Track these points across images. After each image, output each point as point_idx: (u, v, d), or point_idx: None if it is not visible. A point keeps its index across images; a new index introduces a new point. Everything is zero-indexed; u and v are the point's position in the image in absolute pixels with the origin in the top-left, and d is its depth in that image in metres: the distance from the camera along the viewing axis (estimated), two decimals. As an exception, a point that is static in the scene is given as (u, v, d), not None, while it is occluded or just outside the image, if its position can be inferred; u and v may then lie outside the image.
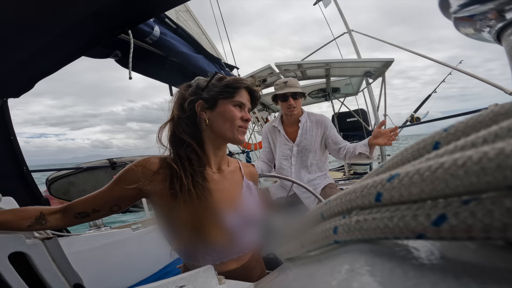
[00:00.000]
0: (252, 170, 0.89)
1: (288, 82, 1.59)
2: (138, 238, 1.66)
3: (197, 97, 0.73)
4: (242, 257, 0.75)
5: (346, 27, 3.80)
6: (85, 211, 0.66)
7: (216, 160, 0.77)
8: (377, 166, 0.29)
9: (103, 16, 0.65)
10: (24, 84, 0.82)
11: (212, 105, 0.72)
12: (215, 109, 0.72)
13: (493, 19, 0.31)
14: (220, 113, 0.72)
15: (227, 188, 0.76)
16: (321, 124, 1.63)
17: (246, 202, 0.77)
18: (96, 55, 1.25)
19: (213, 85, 0.74)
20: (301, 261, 0.32)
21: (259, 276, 0.80)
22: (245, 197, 0.78)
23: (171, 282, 0.51)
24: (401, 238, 0.17)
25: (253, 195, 0.82)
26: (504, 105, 0.16)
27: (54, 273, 0.76)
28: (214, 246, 0.69)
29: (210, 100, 0.72)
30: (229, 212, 0.71)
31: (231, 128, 0.72)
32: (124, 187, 0.66)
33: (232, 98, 0.73)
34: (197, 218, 0.66)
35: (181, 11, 2.12)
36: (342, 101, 4.21)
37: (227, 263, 0.72)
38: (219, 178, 0.76)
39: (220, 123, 0.72)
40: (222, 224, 0.69)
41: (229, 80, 0.75)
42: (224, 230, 0.69)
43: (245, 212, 0.75)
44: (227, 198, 0.74)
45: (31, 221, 0.63)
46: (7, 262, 0.64)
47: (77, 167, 2.81)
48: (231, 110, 0.72)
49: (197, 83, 0.76)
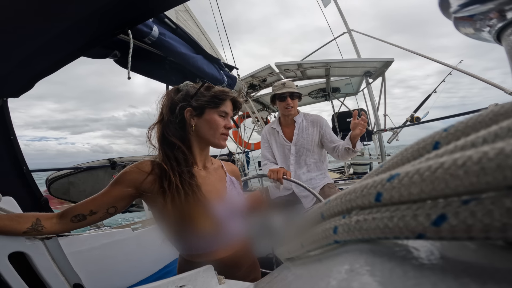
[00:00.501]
0: (233, 167, 0.98)
1: (286, 84, 1.67)
2: (138, 238, 1.66)
3: (186, 104, 0.80)
4: (231, 246, 0.81)
5: (346, 27, 3.80)
6: (82, 213, 0.68)
7: (201, 159, 0.85)
8: (377, 166, 0.29)
9: (103, 16, 0.65)
10: (24, 84, 0.82)
11: (200, 113, 0.80)
12: (202, 116, 0.80)
13: (493, 19, 0.31)
14: (206, 121, 0.80)
15: (213, 182, 0.83)
16: (316, 123, 1.68)
17: (231, 195, 0.85)
18: (95, 55, 1.25)
19: (201, 93, 0.81)
20: (301, 261, 0.32)
21: (250, 266, 0.86)
22: (229, 190, 0.85)
23: (171, 282, 0.51)
24: (401, 238, 0.17)
25: (236, 188, 0.90)
26: (504, 105, 0.16)
27: (54, 273, 0.76)
28: (204, 235, 0.75)
29: (198, 108, 0.80)
30: (216, 203, 0.78)
31: (214, 135, 0.81)
32: (122, 188, 0.71)
33: (218, 108, 0.81)
34: (187, 210, 0.71)
35: (180, 10, 2.12)
36: (342, 101, 4.21)
37: (217, 252, 0.78)
38: (205, 174, 0.83)
39: (206, 129, 0.81)
40: (210, 214, 0.75)
41: (216, 91, 0.82)
42: (213, 219, 0.75)
43: (231, 203, 0.82)
44: (213, 190, 0.81)
45: (27, 227, 0.63)
46: (7, 262, 0.64)
47: (77, 167, 2.80)
48: (216, 119, 0.81)
49: (186, 90, 0.82)
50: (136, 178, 0.72)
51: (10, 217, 0.64)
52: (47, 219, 0.67)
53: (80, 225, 0.69)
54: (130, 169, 0.73)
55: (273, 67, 2.80)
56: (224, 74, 1.90)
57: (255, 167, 4.63)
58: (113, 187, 0.71)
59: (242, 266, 0.83)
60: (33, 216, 0.65)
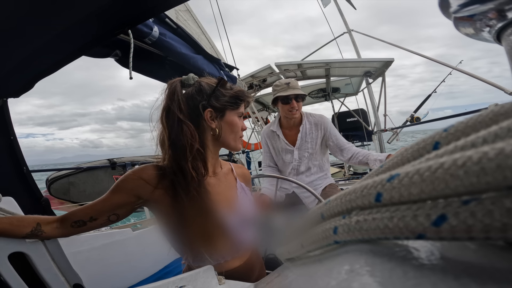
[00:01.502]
0: (244, 171, 0.90)
1: (291, 84, 1.52)
2: (138, 238, 1.66)
3: (206, 103, 0.71)
4: (242, 255, 0.79)
5: (346, 27, 3.80)
6: (82, 219, 0.65)
7: (212, 164, 0.77)
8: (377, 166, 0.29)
9: (103, 16, 0.65)
10: (24, 84, 0.82)
11: (222, 114, 0.73)
12: (223, 118, 0.73)
13: (493, 18, 0.31)
14: (227, 123, 0.74)
15: (224, 190, 0.78)
16: (320, 125, 1.58)
17: (242, 203, 0.79)
18: (96, 55, 1.25)
19: (220, 93, 0.73)
20: (301, 261, 0.32)
21: (259, 272, 0.84)
22: (240, 198, 0.80)
23: (171, 282, 0.51)
24: (401, 238, 0.17)
25: (247, 195, 0.84)
26: (504, 105, 0.16)
27: (54, 273, 0.76)
28: (217, 246, 0.72)
29: (220, 110, 0.72)
30: (228, 213, 0.73)
31: (235, 138, 0.76)
32: (123, 196, 0.66)
33: (237, 109, 0.76)
34: (200, 222, 0.68)
35: (181, 10, 2.12)
36: (342, 101, 4.21)
37: (230, 262, 0.75)
38: (215, 181, 0.77)
39: (227, 133, 0.74)
40: (223, 225, 0.71)
41: (237, 91, 0.76)
42: (225, 230, 0.72)
43: (242, 212, 0.78)
44: (224, 199, 0.76)
45: (27, 232, 0.63)
46: (7, 262, 0.64)
47: (77, 167, 2.81)
48: (237, 121, 0.75)
49: (199, 86, 0.72)
50: (139, 189, 0.66)
51: (11, 221, 0.63)
52: (47, 224, 0.65)
53: (80, 231, 0.67)
54: (131, 177, 0.66)
55: (273, 67, 2.80)
56: (224, 74, 1.90)
57: (255, 167, 4.63)
58: (113, 194, 0.66)
59: (253, 273, 0.81)
60: (33, 220, 0.64)
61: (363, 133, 4.00)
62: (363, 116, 4.11)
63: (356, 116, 4.11)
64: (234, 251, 0.76)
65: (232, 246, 0.75)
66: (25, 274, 0.69)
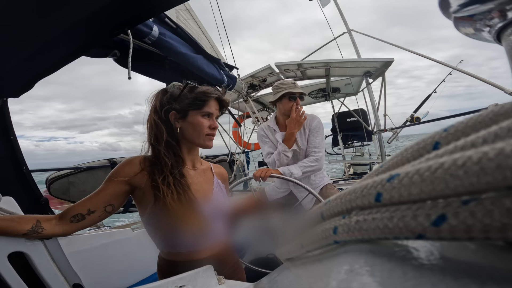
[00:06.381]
0: (222, 170, 1.00)
1: (296, 84, 1.62)
2: (138, 238, 1.66)
3: (170, 107, 0.81)
4: (213, 246, 0.83)
5: (346, 27, 3.80)
6: (80, 212, 0.69)
7: (190, 159, 0.87)
8: (377, 166, 0.29)
9: (102, 16, 0.65)
10: (24, 84, 0.82)
11: (184, 115, 0.81)
12: (186, 119, 0.81)
13: (493, 18, 0.31)
14: (190, 123, 0.81)
15: (201, 182, 0.86)
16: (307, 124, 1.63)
17: (217, 197, 0.87)
18: (95, 55, 1.25)
19: (184, 96, 0.81)
20: (301, 261, 0.32)
21: (233, 266, 0.89)
22: (216, 193, 0.88)
23: (171, 282, 0.51)
24: (401, 238, 0.17)
25: (222, 191, 0.92)
26: (504, 105, 0.16)
27: (54, 273, 0.76)
28: (189, 233, 0.77)
29: (182, 111, 0.81)
30: (202, 203, 0.80)
31: (199, 136, 0.82)
32: (116, 184, 0.73)
33: (201, 109, 0.81)
34: (176, 208, 0.73)
35: (181, 10, 2.12)
36: (342, 101, 4.21)
37: (200, 251, 0.80)
38: (194, 174, 0.86)
39: (190, 132, 0.82)
40: (197, 213, 0.77)
41: (198, 93, 0.82)
42: (199, 218, 0.78)
43: (216, 205, 0.85)
44: (200, 190, 0.83)
45: (27, 229, 0.64)
46: (7, 262, 0.64)
47: (77, 167, 2.80)
48: (200, 121, 0.81)
49: (171, 92, 0.83)
50: (127, 173, 0.74)
51: (12, 218, 0.64)
52: (47, 221, 0.67)
53: (80, 226, 0.70)
54: (121, 164, 0.76)
55: (273, 67, 2.80)
56: (224, 74, 1.90)
57: (255, 167, 4.62)
58: (106, 184, 0.73)
59: (225, 266, 0.84)
60: (33, 218, 0.66)
61: (363, 133, 4.00)
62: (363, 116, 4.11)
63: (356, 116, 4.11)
64: (205, 241, 0.81)
65: (203, 235, 0.80)
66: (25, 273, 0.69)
